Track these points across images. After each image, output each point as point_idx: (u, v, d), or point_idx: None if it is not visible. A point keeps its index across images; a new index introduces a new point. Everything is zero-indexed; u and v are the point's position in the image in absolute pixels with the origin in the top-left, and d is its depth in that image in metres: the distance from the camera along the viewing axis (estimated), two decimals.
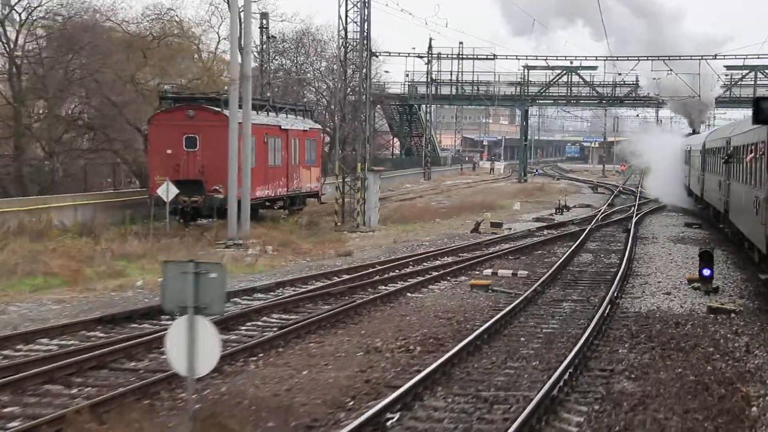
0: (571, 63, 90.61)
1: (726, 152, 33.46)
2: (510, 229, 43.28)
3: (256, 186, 39.67)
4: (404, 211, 52.37)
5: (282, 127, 42.62)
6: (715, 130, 50.64)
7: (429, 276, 27.51)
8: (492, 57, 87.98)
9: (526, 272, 28.49)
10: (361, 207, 42.04)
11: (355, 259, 31.97)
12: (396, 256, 32.47)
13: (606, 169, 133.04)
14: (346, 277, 26.83)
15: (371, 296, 23.39)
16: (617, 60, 78.85)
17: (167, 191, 34.87)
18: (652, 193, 71.45)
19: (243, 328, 19.35)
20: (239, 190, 37.24)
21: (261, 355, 16.82)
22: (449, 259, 32.00)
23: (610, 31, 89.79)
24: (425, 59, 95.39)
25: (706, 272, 24.38)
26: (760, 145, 22.62)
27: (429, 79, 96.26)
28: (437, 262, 31.00)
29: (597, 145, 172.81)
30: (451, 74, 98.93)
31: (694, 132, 72.13)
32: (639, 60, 76.81)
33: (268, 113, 42.17)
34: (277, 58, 79.88)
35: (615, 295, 23.72)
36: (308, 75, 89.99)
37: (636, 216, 50.82)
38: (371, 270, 28.25)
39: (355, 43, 41.76)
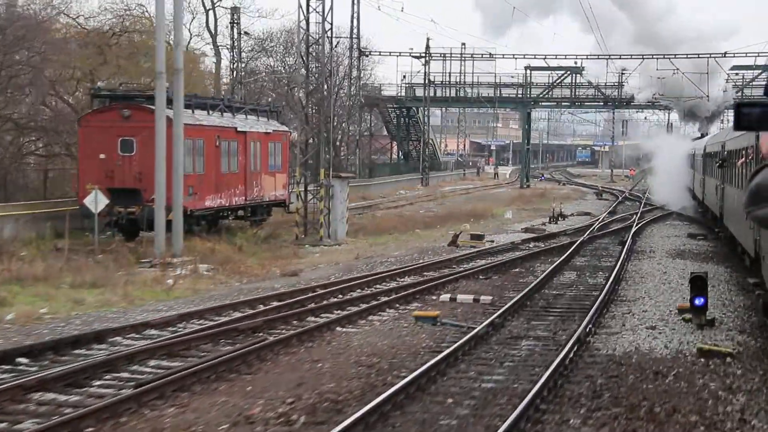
0: (575, 63, 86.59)
1: (721, 156, 32.20)
2: (492, 241, 39.07)
3: (205, 195, 35.64)
4: (384, 221, 48.25)
5: (238, 129, 38.46)
6: (716, 134, 47.40)
7: (375, 303, 23.33)
8: (488, 55, 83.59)
9: (491, 297, 24.27)
10: (325, 218, 37.85)
11: (301, 280, 27.81)
12: (349, 276, 28.29)
13: (615, 174, 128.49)
14: (275, 304, 22.64)
15: (290, 332, 19.20)
16: (620, 59, 74.54)
17: (95, 201, 30.82)
18: (658, 198, 67.87)
19: (97, 383, 15.08)
20: (187, 199, 33.29)
21: (90, 430, 12.61)
22: (409, 280, 27.82)
23: (595, 24, 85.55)
24: (422, 60, 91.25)
25: (699, 301, 20.10)
26: (749, 149, 21.61)
27: (426, 81, 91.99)
28: (392, 284, 26.80)
29: (607, 149, 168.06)
30: (450, 75, 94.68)
31: (703, 136, 68.06)
32: (643, 58, 72.46)
33: (222, 114, 38.03)
34: (261, 58, 76.05)
35: (587, 330, 19.50)
36: (301, 76, 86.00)
37: (636, 225, 46.76)
38: (311, 295, 24.08)
39: (317, 36, 37.50)
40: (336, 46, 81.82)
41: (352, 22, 74.73)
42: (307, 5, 37.41)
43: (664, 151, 71.36)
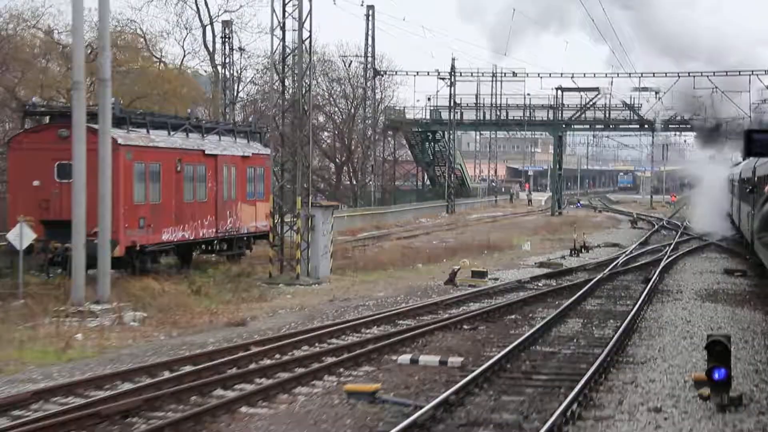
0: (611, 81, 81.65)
1: (752, 182, 30.94)
2: (496, 279, 34.22)
3: (161, 227, 31.06)
4: (384, 254, 43.49)
5: (207, 152, 33.86)
6: (750, 159, 43.03)
7: (317, 366, 18.57)
8: (512, 74, 78.70)
9: (461, 359, 19.42)
10: (302, 253, 33.12)
11: (246, 331, 23.09)
12: (307, 326, 23.58)
13: (655, 200, 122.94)
14: (186, 370, 17.96)
15: (173, 417, 14.48)
16: (653, 76, 69.39)
17: (20, 236, 26.34)
18: (697, 227, 63.26)
19: None
20: (137, 233, 28.88)
21: None
22: (376, 331, 23.11)
23: (607, 35, 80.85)
24: (446, 81, 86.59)
25: (719, 374, 15.15)
26: None
27: (452, 103, 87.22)
28: (352, 338, 22.09)
29: (648, 175, 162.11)
30: (477, 97, 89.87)
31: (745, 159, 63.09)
32: (679, 76, 67.29)
33: (187, 134, 33.43)
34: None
35: (569, 412, 14.64)
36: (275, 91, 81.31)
37: (667, 258, 41.78)
38: (239, 355, 19.37)
39: (294, 46, 32.82)
40: (349, 66, 77.78)
41: (366, 40, 70.34)
42: (283, 10, 32.68)
43: (704, 176, 67.49)
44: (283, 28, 32.88)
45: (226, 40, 52.34)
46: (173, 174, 31.68)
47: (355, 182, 76.02)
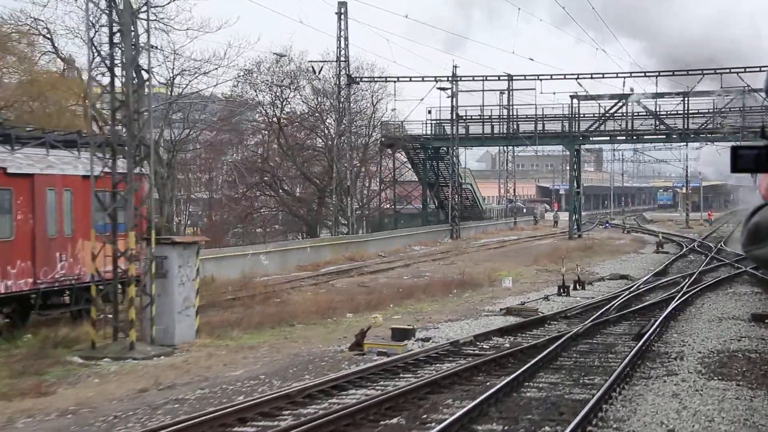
0: (629, 87, 71.62)
1: None
2: (426, 340, 24.42)
3: None
4: (319, 298, 33.91)
5: (12, 171, 24.20)
6: None
7: None
8: (508, 77, 68.73)
9: None
10: (141, 312, 23.30)
11: None
12: None
13: (693, 218, 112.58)
14: None
15: None
16: (673, 75, 59.13)
17: None
18: (732, 250, 54.03)
19: None
20: None
21: None
22: None
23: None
24: (447, 92, 76.85)
25: None
26: None
27: (454, 116, 77.54)
28: None
29: (685, 191, 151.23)
30: (481, 109, 79.99)
31: None
32: (703, 74, 57.01)
33: None
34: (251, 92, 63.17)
35: None
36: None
37: (682, 296, 32.32)
38: None
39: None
40: (320, 72, 68.38)
41: (339, 42, 60.77)
42: None
43: (743, 191, 58.33)
44: None
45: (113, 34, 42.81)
46: None
47: (332, 206, 66.55)
